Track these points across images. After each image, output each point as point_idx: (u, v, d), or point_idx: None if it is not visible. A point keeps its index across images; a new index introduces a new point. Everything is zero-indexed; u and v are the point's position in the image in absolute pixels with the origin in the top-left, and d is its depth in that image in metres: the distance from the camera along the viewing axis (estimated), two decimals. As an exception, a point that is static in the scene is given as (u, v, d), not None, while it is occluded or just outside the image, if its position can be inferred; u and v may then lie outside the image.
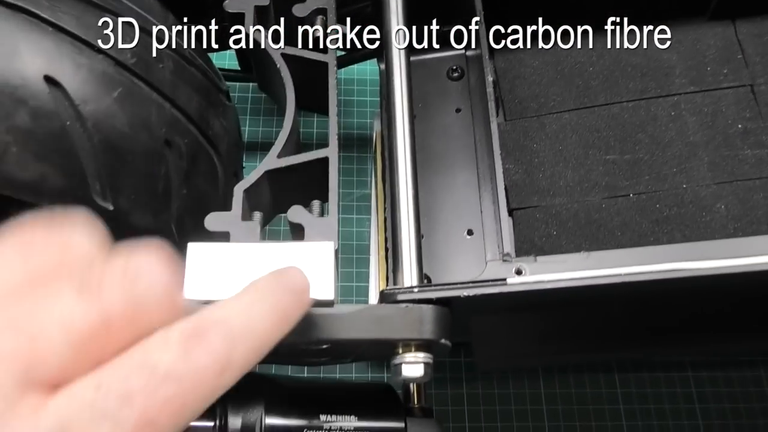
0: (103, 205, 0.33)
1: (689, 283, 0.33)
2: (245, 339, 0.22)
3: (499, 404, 0.61)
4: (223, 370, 0.21)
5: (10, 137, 0.29)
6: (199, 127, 0.37)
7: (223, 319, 0.22)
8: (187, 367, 0.20)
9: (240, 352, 0.21)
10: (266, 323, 0.23)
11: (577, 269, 0.34)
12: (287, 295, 0.25)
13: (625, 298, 0.36)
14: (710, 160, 0.45)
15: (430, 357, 0.35)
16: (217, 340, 0.21)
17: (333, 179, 0.38)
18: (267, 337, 0.23)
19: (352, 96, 0.75)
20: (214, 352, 0.21)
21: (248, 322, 0.22)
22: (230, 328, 0.22)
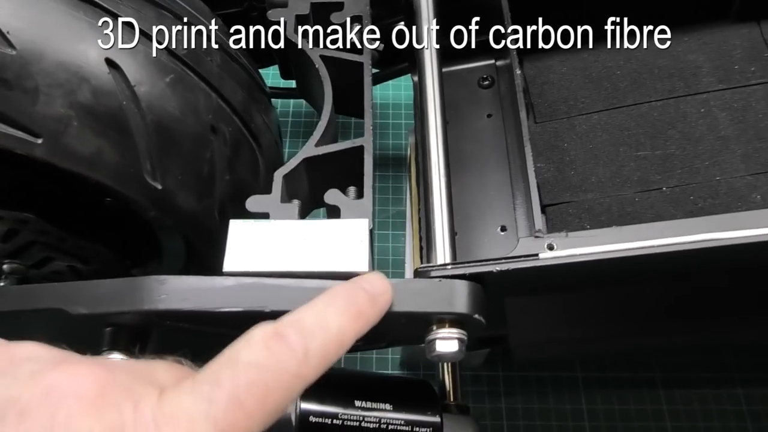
0: (152, 184, 0.36)
1: (725, 253, 0.33)
2: (320, 334, 0.26)
3: (540, 419, 0.59)
4: (303, 360, 0.24)
5: (72, 112, 0.32)
6: (242, 119, 0.40)
7: (298, 319, 0.26)
8: (266, 357, 0.24)
9: (317, 345, 0.25)
10: (340, 320, 0.27)
11: (609, 243, 0.34)
12: (361, 295, 0.29)
13: (659, 277, 0.36)
14: (743, 152, 0.45)
15: (464, 333, 0.35)
16: (292, 333, 0.25)
17: (368, 165, 0.39)
18: (342, 332, 0.27)
19: (387, 119, 0.78)
20: (290, 345, 0.24)
21: (322, 320, 0.26)
22: (305, 325, 0.26)
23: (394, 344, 0.40)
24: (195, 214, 0.38)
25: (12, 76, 0.30)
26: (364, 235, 0.35)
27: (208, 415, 0.22)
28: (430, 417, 0.39)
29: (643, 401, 0.60)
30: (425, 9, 0.49)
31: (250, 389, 0.23)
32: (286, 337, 0.25)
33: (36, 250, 0.41)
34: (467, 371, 0.61)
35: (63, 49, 0.31)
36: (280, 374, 0.24)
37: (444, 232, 0.39)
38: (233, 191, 0.40)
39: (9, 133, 0.31)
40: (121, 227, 0.43)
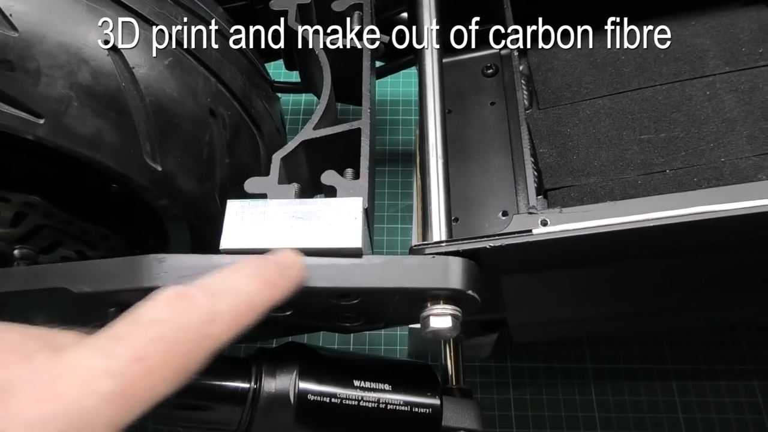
0: (152, 166, 0.36)
1: (719, 226, 0.32)
2: (227, 295, 0.26)
3: (548, 410, 0.59)
4: (208, 319, 0.24)
5: (72, 92, 0.33)
6: (242, 104, 0.41)
7: (205, 282, 0.26)
8: (170, 315, 0.24)
9: (224, 306, 0.25)
10: (248, 284, 0.27)
11: (603, 217, 0.34)
12: (272, 265, 0.29)
13: (655, 252, 0.36)
14: (749, 133, 0.45)
15: (458, 310, 0.35)
16: (198, 294, 0.25)
17: (365, 147, 0.39)
18: (252, 297, 0.27)
19: (397, 116, 0.78)
20: (196, 305, 0.24)
21: (230, 284, 0.26)
22: (212, 288, 0.26)
23: (391, 324, 0.41)
24: (196, 196, 0.39)
25: (15, 57, 0.31)
26: (358, 213, 0.35)
27: (107, 369, 0.21)
28: (429, 399, 0.39)
29: (655, 392, 0.59)
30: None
31: (153, 344, 0.23)
32: (190, 296, 0.24)
33: (44, 235, 0.42)
34: (476, 362, 0.61)
35: (63, 31, 0.33)
36: (184, 331, 0.23)
37: (440, 212, 0.39)
38: (233, 174, 0.41)
39: (12, 113, 0.32)
40: (127, 213, 0.44)
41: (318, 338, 0.61)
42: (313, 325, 0.41)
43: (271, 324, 0.41)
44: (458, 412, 0.40)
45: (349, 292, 0.35)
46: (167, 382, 0.23)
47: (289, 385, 0.37)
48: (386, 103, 0.78)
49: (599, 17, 0.52)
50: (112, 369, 0.22)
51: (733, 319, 0.55)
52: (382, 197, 0.71)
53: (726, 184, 0.43)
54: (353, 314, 0.38)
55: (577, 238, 0.34)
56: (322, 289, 0.34)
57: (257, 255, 0.30)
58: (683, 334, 0.61)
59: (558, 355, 0.61)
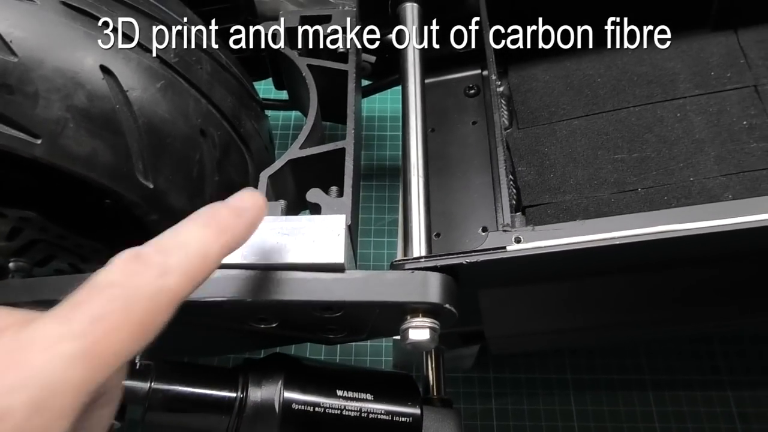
0: (144, 183, 0.38)
1: (682, 244, 0.34)
2: (178, 249, 0.26)
3: (529, 420, 0.60)
4: (161, 273, 0.25)
5: (69, 114, 0.34)
6: (231, 123, 0.42)
7: (157, 240, 0.26)
8: (123, 275, 0.24)
9: (176, 259, 0.25)
10: (200, 234, 0.27)
11: (573, 235, 0.36)
12: (223, 211, 0.29)
13: (626, 267, 0.37)
14: (717, 154, 0.47)
15: (437, 323, 0.37)
16: (150, 252, 0.25)
17: (348, 166, 0.41)
18: (205, 246, 0.27)
19: (385, 131, 0.80)
20: (148, 262, 0.25)
21: (180, 237, 0.27)
22: (162, 243, 0.26)
23: (374, 336, 0.42)
24: (186, 212, 0.40)
25: (14, 81, 0.33)
26: (341, 230, 0.37)
27: (68, 333, 0.22)
28: (410, 408, 0.41)
29: (633, 403, 0.60)
30: (410, 18, 0.52)
31: (111, 304, 0.23)
32: (142, 256, 0.25)
33: (39, 249, 0.43)
34: (459, 373, 0.63)
35: (61, 56, 0.34)
36: (139, 288, 0.24)
37: (420, 229, 0.41)
38: (222, 192, 0.42)
39: (11, 134, 0.34)
40: (119, 228, 0.45)
41: (305, 349, 0.63)
42: (299, 337, 0.43)
43: (260, 335, 0.42)
44: (438, 421, 0.42)
45: (331, 305, 0.37)
46: (130, 339, 0.23)
47: (274, 394, 0.39)
48: (374, 119, 0.80)
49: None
50: (72, 332, 0.22)
51: (703, 331, 0.57)
52: (369, 211, 0.73)
53: (694, 203, 0.45)
54: (336, 326, 0.40)
55: (549, 254, 0.35)
56: (306, 302, 0.36)
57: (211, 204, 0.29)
58: (660, 345, 0.63)
59: (539, 366, 0.62)
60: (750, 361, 0.62)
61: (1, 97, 0.33)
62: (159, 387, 0.37)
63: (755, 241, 0.34)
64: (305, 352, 0.62)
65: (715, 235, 0.33)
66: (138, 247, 0.26)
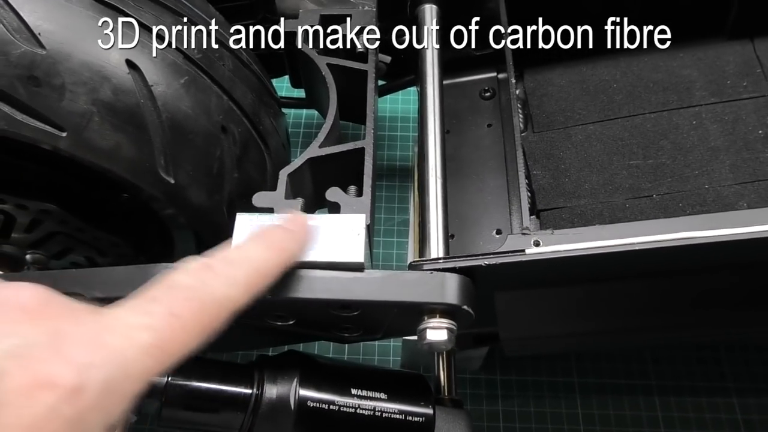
0: (165, 178, 0.38)
1: (703, 251, 0.34)
2: (243, 264, 0.29)
3: (536, 423, 0.60)
4: (229, 283, 0.28)
5: (94, 108, 0.35)
6: (251, 121, 0.43)
7: (224, 254, 0.30)
8: (197, 280, 0.27)
9: (241, 272, 0.29)
10: (260, 253, 0.31)
11: (592, 240, 0.36)
12: (280, 230, 0.33)
13: (643, 273, 0.38)
14: (732, 162, 0.47)
15: (454, 324, 0.37)
16: (219, 264, 0.28)
17: (368, 166, 0.41)
18: (265, 263, 0.31)
19: (396, 131, 0.80)
20: (218, 272, 0.28)
21: (244, 254, 0.30)
22: (229, 257, 0.29)
23: (389, 335, 0.42)
24: (205, 208, 0.41)
25: (41, 74, 0.33)
26: (361, 229, 0.37)
27: (146, 325, 0.24)
28: (422, 408, 0.41)
29: (639, 407, 0.61)
30: (429, 19, 0.52)
31: (186, 303, 0.26)
32: (213, 267, 0.28)
33: (57, 241, 0.43)
34: (466, 374, 0.63)
35: (88, 50, 0.34)
36: (211, 293, 0.27)
37: (438, 229, 0.41)
38: (241, 189, 0.42)
39: (37, 126, 0.34)
40: (137, 222, 0.46)
41: (313, 347, 0.63)
42: (313, 335, 0.43)
43: (273, 332, 0.43)
44: (449, 422, 0.42)
45: (350, 304, 0.37)
46: (197, 338, 0.26)
47: (289, 391, 0.39)
48: (385, 119, 0.80)
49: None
50: (149, 324, 0.24)
51: (715, 339, 0.57)
52: (379, 211, 0.73)
53: (709, 210, 0.45)
54: (352, 325, 0.40)
55: (568, 258, 0.36)
56: (325, 300, 0.36)
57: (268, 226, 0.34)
58: (666, 351, 0.63)
59: (546, 369, 0.63)
60: (756, 369, 0.63)
61: (28, 89, 0.33)
62: (176, 381, 0.37)
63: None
64: (314, 350, 0.62)
65: (735, 243, 0.34)
66: (205, 257, 0.29)
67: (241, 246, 0.31)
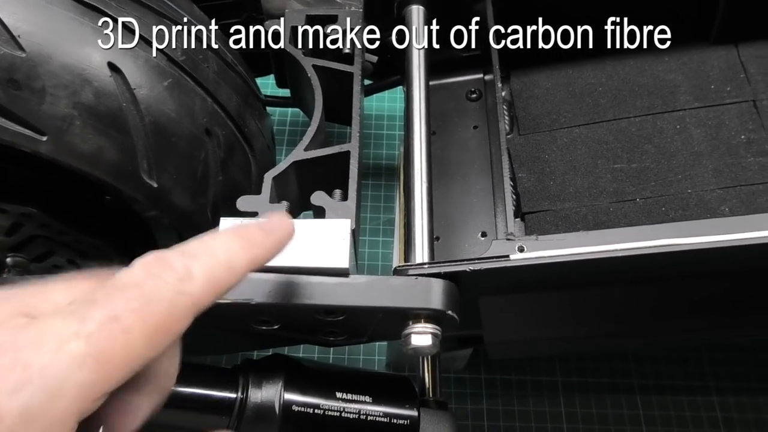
0: (149, 182, 0.38)
1: (685, 258, 0.35)
2: (204, 256, 0.25)
3: (520, 421, 0.61)
4: (184, 277, 0.23)
5: (75, 111, 0.34)
6: (236, 123, 0.42)
7: (182, 246, 0.25)
8: (144, 276, 0.23)
9: (200, 265, 0.24)
10: (227, 245, 0.26)
11: (576, 246, 0.36)
12: (252, 228, 0.28)
13: (626, 279, 0.38)
14: (714, 167, 0.48)
15: (439, 329, 0.37)
16: (173, 255, 0.24)
17: (353, 169, 0.41)
18: (231, 257, 0.26)
19: (381, 130, 0.80)
20: (170, 264, 0.24)
21: (206, 245, 0.25)
22: (187, 249, 0.25)
23: (374, 339, 0.42)
24: (189, 212, 0.40)
25: (21, 76, 0.33)
26: (346, 234, 0.37)
27: (79, 332, 0.21)
28: (407, 410, 0.41)
29: (621, 406, 0.61)
30: (416, 20, 0.52)
31: (128, 304, 0.22)
32: (166, 259, 0.24)
33: (38, 244, 0.43)
34: (451, 373, 0.63)
35: (69, 52, 0.34)
36: (159, 290, 0.23)
37: (423, 235, 0.41)
38: (226, 192, 0.42)
39: (17, 130, 0.33)
40: (120, 224, 0.45)
41: (298, 348, 0.63)
42: (298, 338, 0.43)
43: (257, 336, 0.42)
44: (434, 424, 0.42)
45: (335, 310, 0.37)
46: (145, 343, 0.22)
47: (274, 395, 0.39)
48: (371, 118, 0.80)
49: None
50: (85, 331, 0.21)
51: (698, 341, 0.58)
52: (365, 210, 0.73)
53: (691, 215, 0.46)
54: (338, 330, 0.40)
55: (552, 264, 0.36)
56: (310, 306, 0.36)
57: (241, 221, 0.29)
58: (648, 351, 0.64)
59: (530, 369, 0.63)
60: (735, 369, 0.64)
61: (8, 93, 0.33)
62: (159, 386, 0.37)
63: (758, 257, 0.35)
64: (298, 352, 0.62)
65: (719, 250, 0.34)
66: (161, 250, 0.24)
67: (203, 236, 0.26)
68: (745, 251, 0.34)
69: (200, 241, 0.26)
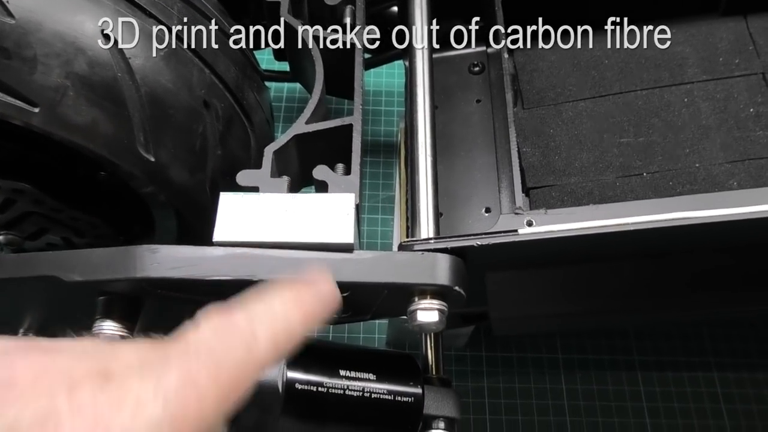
0: (145, 156, 0.37)
1: (696, 232, 0.34)
2: (267, 320, 0.26)
3: (520, 398, 0.61)
4: (251, 341, 0.25)
5: (68, 82, 0.33)
6: (234, 96, 0.41)
7: (246, 306, 0.26)
8: (215, 338, 0.24)
9: (265, 329, 0.25)
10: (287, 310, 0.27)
11: (586, 220, 0.35)
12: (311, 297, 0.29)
13: (634, 253, 0.37)
14: (722, 141, 0.47)
15: (445, 305, 0.36)
16: (240, 317, 0.25)
17: (356, 143, 0.40)
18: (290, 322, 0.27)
19: (380, 106, 0.79)
20: (238, 326, 0.25)
21: (269, 308, 0.27)
22: (252, 311, 0.26)
23: (378, 316, 0.42)
24: (187, 187, 0.39)
25: (11, 45, 0.31)
26: (350, 209, 0.36)
27: (157, 393, 0.21)
28: (411, 388, 0.41)
29: (621, 382, 0.61)
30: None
31: (202, 366, 0.23)
32: (233, 321, 0.25)
33: (32, 221, 0.42)
34: (452, 351, 0.63)
35: (60, 19, 0.32)
36: (230, 353, 0.24)
37: (428, 209, 0.40)
38: (225, 166, 0.41)
39: (7, 101, 0.32)
40: (116, 201, 0.44)
41: (298, 325, 0.62)
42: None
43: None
44: (438, 401, 0.42)
45: (339, 286, 0.36)
46: (215, 406, 0.23)
47: (277, 374, 0.38)
48: (369, 94, 0.79)
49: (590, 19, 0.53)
50: (162, 393, 0.22)
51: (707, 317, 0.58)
52: (364, 188, 0.72)
53: (699, 189, 0.45)
54: (342, 306, 0.39)
55: (561, 239, 0.35)
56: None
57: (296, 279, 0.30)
58: (648, 327, 0.64)
59: (530, 346, 0.63)
60: (735, 344, 0.64)
61: (-2, 62, 0.31)
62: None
63: (767, 231, 0.34)
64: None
65: (728, 224, 0.33)
66: (226, 309, 0.25)
67: (266, 298, 0.27)
68: (755, 225, 0.34)
69: (263, 304, 0.27)
